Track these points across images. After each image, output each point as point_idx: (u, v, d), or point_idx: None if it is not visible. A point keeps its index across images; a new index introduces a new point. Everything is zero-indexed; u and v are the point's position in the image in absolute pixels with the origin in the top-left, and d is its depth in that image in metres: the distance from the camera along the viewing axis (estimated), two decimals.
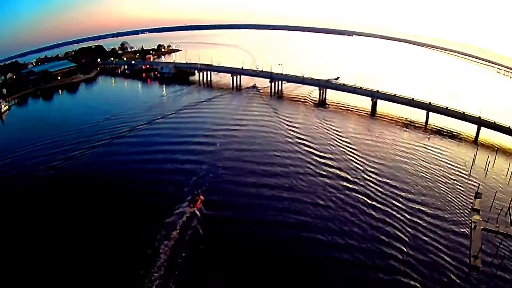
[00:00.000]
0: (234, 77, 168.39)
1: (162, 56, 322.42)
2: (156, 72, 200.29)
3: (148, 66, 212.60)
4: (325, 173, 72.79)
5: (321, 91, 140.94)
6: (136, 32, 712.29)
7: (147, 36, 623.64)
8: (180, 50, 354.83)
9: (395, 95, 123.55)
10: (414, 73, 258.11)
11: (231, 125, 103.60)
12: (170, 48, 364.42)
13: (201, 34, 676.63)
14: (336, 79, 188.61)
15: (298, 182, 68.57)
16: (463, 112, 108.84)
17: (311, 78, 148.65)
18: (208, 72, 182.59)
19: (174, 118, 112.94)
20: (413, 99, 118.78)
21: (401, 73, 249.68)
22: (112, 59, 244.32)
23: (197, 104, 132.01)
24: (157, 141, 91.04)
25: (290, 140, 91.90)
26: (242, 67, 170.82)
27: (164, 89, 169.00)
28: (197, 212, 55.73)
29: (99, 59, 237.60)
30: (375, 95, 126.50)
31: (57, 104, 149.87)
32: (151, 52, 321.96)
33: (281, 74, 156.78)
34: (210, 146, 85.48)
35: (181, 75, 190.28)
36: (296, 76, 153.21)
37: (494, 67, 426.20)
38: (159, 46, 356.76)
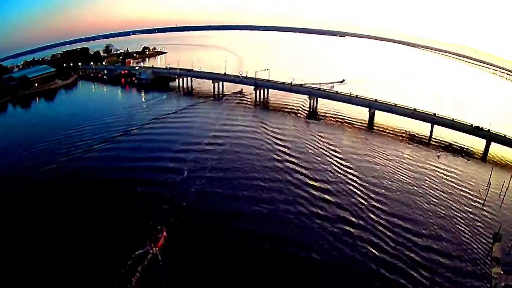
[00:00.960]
0: (216, 84, 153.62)
1: (147, 59, 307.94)
2: (133, 78, 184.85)
3: (127, 71, 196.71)
4: (321, 211, 59.41)
5: (312, 100, 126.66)
6: (127, 33, 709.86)
7: (138, 38, 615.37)
8: (166, 53, 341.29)
9: (395, 105, 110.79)
10: (410, 76, 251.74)
11: (207, 141, 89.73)
12: (155, 50, 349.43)
13: (191, 35, 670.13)
14: (341, 81, 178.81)
15: (288, 224, 55.71)
16: (471, 125, 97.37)
17: (301, 85, 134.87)
18: (189, 78, 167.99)
19: (139, 135, 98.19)
20: (415, 109, 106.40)
21: (397, 76, 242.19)
22: (92, 63, 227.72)
23: (172, 115, 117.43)
24: (124, 157, 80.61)
25: (278, 162, 78.06)
26: (225, 73, 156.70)
27: (142, 96, 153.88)
28: (159, 255, 45.93)
29: (80, 63, 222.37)
30: (373, 106, 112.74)
31: (31, 114, 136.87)
32: (135, 55, 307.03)
33: (267, 80, 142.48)
34: (181, 164, 74.26)
35: (161, 81, 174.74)
36: (284, 83, 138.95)
37: (489, 68, 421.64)
38: (144, 48, 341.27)
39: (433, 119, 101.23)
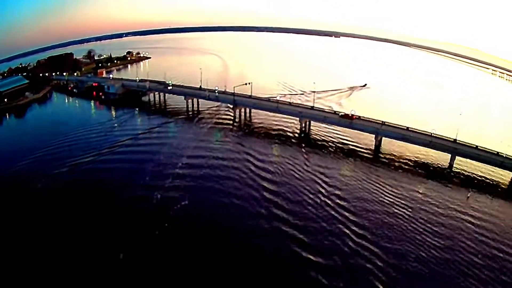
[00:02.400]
0: (189, 100, 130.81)
1: (128, 66, 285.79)
2: (100, 93, 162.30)
3: (97, 84, 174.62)
4: None
5: (303, 124, 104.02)
6: (120, 35, 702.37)
7: (130, 40, 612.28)
8: (150, 58, 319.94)
9: (407, 128, 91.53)
10: (411, 80, 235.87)
11: (168, 184, 69.90)
12: (139, 56, 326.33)
13: (183, 37, 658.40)
14: (363, 86, 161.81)
15: None
16: (498, 153, 79.75)
17: (290, 104, 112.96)
18: (161, 93, 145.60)
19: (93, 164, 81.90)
20: (432, 135, 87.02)
21: (398, 80, 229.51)
22: (65, 74, 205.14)
23: (134, 141, 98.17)
24: (64, 194, 68.20)
25: (267, 224, 58.50)
26: (200, 86, 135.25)
27: (112, 114, 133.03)
28: None
29: (57, 73, 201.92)
30: (380, 133, 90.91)
31: None
32: (115, 61, 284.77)
33: (249, 96, 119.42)
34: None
35: (131, 96, 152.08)
36: (269, 99, 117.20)
37: (489, 68, 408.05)
38: (127, 53, 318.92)
39: (455, 149, 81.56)
